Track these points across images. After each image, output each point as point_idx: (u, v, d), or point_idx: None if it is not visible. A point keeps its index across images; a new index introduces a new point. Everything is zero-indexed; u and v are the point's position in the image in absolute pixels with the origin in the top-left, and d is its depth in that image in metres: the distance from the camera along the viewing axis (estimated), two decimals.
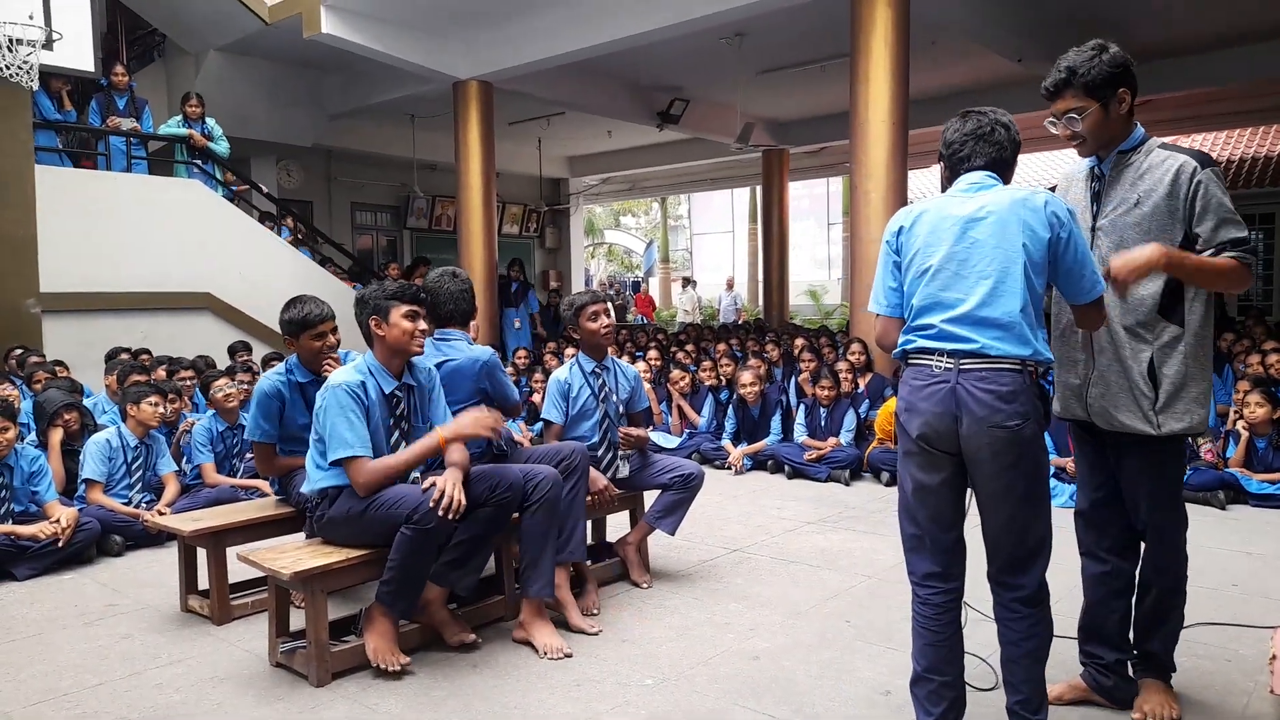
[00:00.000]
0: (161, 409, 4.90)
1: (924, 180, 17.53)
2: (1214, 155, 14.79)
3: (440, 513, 2.86)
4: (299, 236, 11.30)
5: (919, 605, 2.28)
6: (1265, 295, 13.98)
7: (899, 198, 7.44)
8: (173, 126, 9.26)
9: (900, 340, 2.29)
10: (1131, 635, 2.63)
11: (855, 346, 7.34)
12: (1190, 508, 5.16)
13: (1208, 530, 4.56)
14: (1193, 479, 5.15)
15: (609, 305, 3.85)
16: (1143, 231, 2.36)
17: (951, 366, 2.15)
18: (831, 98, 12.21)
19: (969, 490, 2.26)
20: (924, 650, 2.27)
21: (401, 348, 3.12)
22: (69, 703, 2.81)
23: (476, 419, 3.10)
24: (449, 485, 2.90)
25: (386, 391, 3.12)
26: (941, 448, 2.18)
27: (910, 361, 2.26)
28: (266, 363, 6.97)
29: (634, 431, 3.89)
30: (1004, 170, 2.30)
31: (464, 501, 2.92)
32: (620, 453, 3.85)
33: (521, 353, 9.45)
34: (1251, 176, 14.08)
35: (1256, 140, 15.23)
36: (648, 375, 7.74)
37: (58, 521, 4.18)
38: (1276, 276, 14.01)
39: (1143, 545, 2.55)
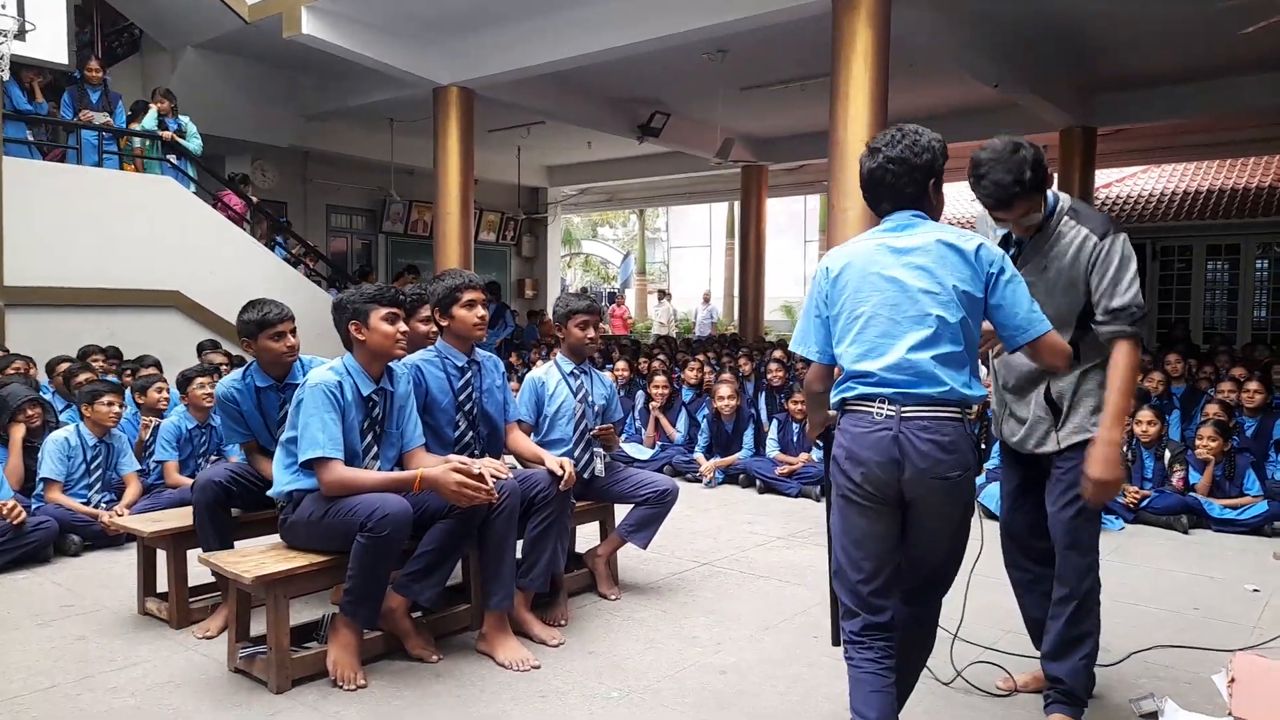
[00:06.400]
0: (118, 408, 4.81)
1: None
2: (1181, 186, 15.19)
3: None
4: (285, 241, 11.19)
5: (864, 652, 2.17)
6: (1230, 324, 14.25)
7: (874, 217, 7.47)
8: (150, 123, 9.15)
9: (838, 388, 2.23)
10: (1040, 657, 2.69)
11: None
12: (1154, 531, 5.26)
13: (1170, 554, 4.62)
14: (1156, 503, 5.22)
15: (600, 318, 3.84)
16: (1048, 295, 2.48)
17: (893, 414, 2.10)
18: (811, 116, 12.30)
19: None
20: (869, 699, 2.15)
21: (383, 352, 3.10)
22: (18, 706, 2.73)
23: (460, 486, 2.89)
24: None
25: (364, 394, 3.09)
26: (883, 494, 2.13)
27: (849, 409, 2.20)
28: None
29: (605, 426, 3.88)
30: (922, 203, 2.26)
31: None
32: (595, 449, 3.83)
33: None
34: (1218, 208, 14.38)
35: (1224, 172, 15.56)
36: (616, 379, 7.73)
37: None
38: (1241, 306, 14.28)
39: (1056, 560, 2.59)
